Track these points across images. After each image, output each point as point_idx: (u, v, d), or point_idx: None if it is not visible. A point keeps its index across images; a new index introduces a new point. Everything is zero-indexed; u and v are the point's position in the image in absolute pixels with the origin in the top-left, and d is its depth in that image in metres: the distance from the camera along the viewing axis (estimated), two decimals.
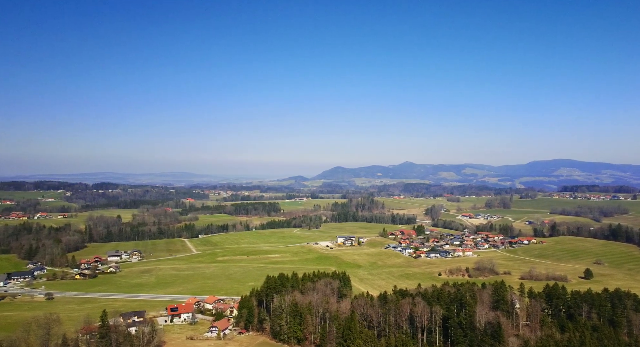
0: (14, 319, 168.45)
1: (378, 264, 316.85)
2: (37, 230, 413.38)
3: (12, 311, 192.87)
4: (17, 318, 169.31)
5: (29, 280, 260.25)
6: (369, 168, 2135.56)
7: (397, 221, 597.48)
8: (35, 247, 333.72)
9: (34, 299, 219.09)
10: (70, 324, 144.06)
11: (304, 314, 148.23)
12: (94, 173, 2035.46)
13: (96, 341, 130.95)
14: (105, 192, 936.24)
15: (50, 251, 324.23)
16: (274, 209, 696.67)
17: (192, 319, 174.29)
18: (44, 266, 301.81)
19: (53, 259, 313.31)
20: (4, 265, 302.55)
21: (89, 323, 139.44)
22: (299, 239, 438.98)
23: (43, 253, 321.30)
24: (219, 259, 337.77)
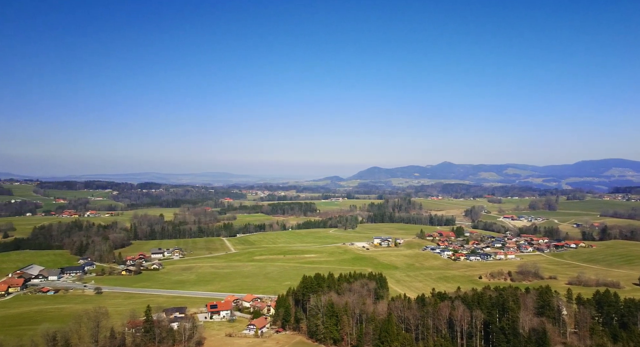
0: (67, 312, 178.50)
1: (415, 266, 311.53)
2: (87, 227, 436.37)
3: (65, 303, 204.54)
4: (69, 311, 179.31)
5: (80, 275, 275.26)
6: (406, 168, 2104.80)
7: (435, 222, 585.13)
8: (85, 244, 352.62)
9: (85, 293, 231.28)
10: (117, 317, 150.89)
11: (340, 314, 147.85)
12: (139, 173, 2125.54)
13: (141, 335, 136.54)
14: (149, 192, 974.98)
15: (99, 247, 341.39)
16: (310, 209, 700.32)
17: (231, 317, 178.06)
18: (93, 261, 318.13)
19: (101, 255, 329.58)
20: (58, 260, 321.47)
21: (134, 318, 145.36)
22: (334, 240, 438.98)
23: (92, 249, 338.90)
24: (256, 258, 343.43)
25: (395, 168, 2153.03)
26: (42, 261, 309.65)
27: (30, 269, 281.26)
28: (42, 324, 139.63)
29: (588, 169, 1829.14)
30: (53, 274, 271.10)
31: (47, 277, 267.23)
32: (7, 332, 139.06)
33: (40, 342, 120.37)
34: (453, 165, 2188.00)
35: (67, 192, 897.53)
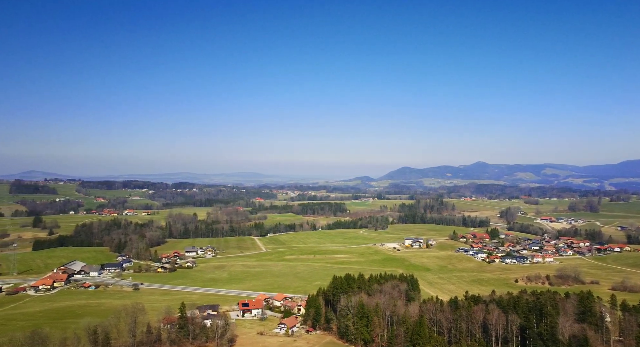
0: (107, 307, 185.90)
1: (448, 268, 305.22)
2: (125, 226, 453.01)
3: (105, 298, 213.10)
4: (109, 306, 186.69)
5: (118, 271, 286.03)
6: (438, 168, 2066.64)
7: (468, 223, 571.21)
8: (123, 242, 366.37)
9: (123, 289, 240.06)
10: (153, 313, 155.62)
11: (371, 315, 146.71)
12: (173, 173, 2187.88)
13: (176, 331, 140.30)
14: (183, 191, 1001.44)
15: (136, 245, 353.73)
16: (340, 209, 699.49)
17: (262, 315, 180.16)
18: (131, 258, 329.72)
19: (138, 253, 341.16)
20: (99, 257, 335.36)
21: (169, 314, 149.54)
22: (365, 240, 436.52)
23: (130, 247, 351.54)
24: (286, 257, 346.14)
25: (426, 168, 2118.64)
26: (84, 257, 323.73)
27: (73, 264, 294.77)
28: (84, 318, 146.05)
29: (634, 168, 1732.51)
30: (94, 270, 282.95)
31: (88, 273, 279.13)
32: (53, 325, 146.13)
33: (83, 336, 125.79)
34: (487, 165, 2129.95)
35: (106, 192, 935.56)
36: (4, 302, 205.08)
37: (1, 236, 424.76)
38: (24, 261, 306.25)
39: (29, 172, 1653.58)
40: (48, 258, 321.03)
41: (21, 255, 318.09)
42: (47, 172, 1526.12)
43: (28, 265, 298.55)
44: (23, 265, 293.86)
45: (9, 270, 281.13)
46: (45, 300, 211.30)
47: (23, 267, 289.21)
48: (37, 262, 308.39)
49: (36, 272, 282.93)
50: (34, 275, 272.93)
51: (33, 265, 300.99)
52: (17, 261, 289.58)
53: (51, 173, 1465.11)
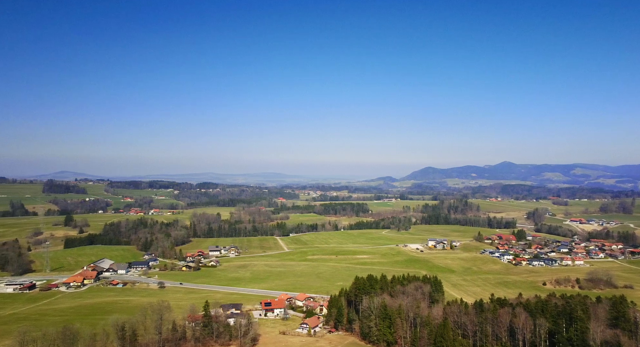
0: (134, 304, 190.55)
1: (473, 270, 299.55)
2: (151, 225, 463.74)
3: (132, 296, 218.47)
4: (136, 303, 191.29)
5: (145, 269, 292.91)
6: (462, 168, 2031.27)
7: (493, 224, 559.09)
8: (149, 241, 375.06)
9: (149, 286, 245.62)
10: (178, 311, 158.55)
11: (394, 317, 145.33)
12: (197, 173, 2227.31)
13: (200, 329, 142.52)
14: (207, 191, 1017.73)
15: (162, 244, 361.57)
16: (362, 210, 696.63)
17: (284, 315, 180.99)
18: (157, 257, 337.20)
19: (164, 252, 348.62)
20: (126, 255, 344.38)
21: (194, 312, 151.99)
22: (387, 241, 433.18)
23: (156, 246, 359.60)
24: (308, 257, 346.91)
25: (450, 168, 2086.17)
26: (112, 256, 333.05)
27: (102, 262, 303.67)
28: (112, 315, 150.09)
29: None
30: (122, 268, 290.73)
31: (116, 271, 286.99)
32: (83, 321, 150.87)
33: (111, 332, 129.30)
34: (514, 165, 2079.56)
35: (133, 191, 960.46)
36: (38, 298, 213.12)
37: (35, 234, 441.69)
38: (56, 258, 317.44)
39: (60, 172, 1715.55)
40: (78, 256, 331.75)
41: (53, 253, 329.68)
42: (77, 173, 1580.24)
43: (60, 262, 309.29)
44: (55, 262, 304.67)
45: (42, 267, 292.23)
46: (75, 296, 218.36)
47: (55, 265, 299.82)
48: (68, 260, 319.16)
49: (67, 269, 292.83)
50: (65, 272, 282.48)
51: (65, 262, 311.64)
52: (50, 259, 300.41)
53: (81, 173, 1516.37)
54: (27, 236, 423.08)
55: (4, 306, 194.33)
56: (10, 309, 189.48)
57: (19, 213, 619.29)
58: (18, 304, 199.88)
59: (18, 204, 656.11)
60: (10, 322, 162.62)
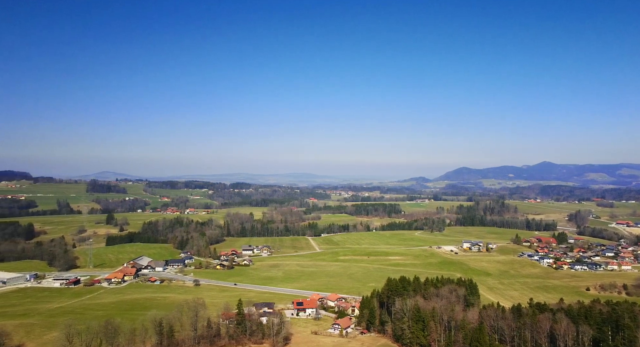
0: (171, 301, 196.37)
1: (510, 273, 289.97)
2: (187, 224, 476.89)
3: (169, 293, 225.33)
4: (173, 300, 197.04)
5: (181, 267, 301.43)
6: (499, 169, 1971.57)
7: (532, 226, 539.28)
8: (185, 239, 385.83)
9: (185, 284, 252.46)
10: (213, 309, 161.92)
11: (427, 320, 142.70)
12: (231, 173, 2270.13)
13: (234, 326, 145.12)
14: (240, 192, 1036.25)
15: (197, 242, 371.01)
16: (394, 211, 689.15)
17: (316, 315, 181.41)
18: (192, 255, 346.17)
19: (199, 250, 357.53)
20: (163, 253, 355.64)
21: (227, 310, 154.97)
22: (420, 242, 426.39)
23: (191, 244, 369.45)
24: (340, 258, 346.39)
25: (486, 168, 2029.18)
26: (150, 253, 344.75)
27: (141, 260, 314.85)
28: (150, 311, 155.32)
29: None
30: (159, 266, 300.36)
31: (154, 268, 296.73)
32: (123, 316, 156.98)
33: (150, 327, 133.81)
34: (554, 165, 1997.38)
35: (170, 191, 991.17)
36: (82, 293, 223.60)
37: (80, 231, 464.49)
38: (99, 255, 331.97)
39: (103, 172, 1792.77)
40: (119, 253, 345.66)
41: (96, 250, 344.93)
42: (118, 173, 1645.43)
43: (102, 259, 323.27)
44: (98, 259, 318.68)
45: (86, 263, 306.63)
46: (116, 292, 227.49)
47: (98, 261, 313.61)
48: (109, 257, 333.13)
49: (109, 266, 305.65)
50: (107, 268, 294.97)
51: (106, 259, 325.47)
52: (93, 255, 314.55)
53: (121, 174, 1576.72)
54: (72, 234, 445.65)
55: (51, 300, 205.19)
56: (57, 302, 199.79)
57: (65, 211, 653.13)
58: (64, 298, 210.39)
59: (64, 203, 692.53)
60: (57, 315, 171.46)
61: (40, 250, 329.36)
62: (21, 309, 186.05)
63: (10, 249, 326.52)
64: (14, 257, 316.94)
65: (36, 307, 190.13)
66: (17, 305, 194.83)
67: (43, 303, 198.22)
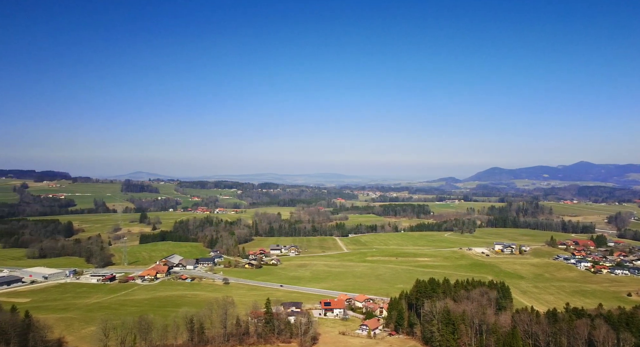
0: (201, 298, 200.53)
1: (545, 277, 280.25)
2: (216, 223, 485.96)
3: (199, 290, 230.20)
4: (203, 297, 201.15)
5: (211, 266, 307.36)
6: (533, 169, 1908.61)
7: (568, 229, 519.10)
8: (215, 238, 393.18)
9: (215, 282, 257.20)
10: (241, 307, 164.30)
11: (458, 323, 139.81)
12: (259, 174, 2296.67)
13: (262, 325, 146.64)
14: (268, 191, 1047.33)
15: (226, 241, 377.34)
16: (423, 211, 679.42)
17: (344, 315, 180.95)
18: (222, 254, 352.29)
19: (228, 249, 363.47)
20: (194, 251, 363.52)
21: (256, 308, 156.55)
22: (450, 244, 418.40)
23: (221, 243, 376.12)
24: (368, 258, 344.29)
25: (519, 169, 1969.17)
26: (181, 252, 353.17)
27: (172, 258, 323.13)
28: (182, 308, 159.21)
29: None
30: (190, 264, 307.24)
31: (185, 266, 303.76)
32: (156, 312, 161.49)
33: (181, 324, 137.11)
34: (592, 165, 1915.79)
35: (200, 191, 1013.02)
36: (117, 289, 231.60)
37: (115, 229, 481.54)
38: (133, 252, 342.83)
39: (136, 172, 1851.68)
40: (152, 251, 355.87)
41: (130, 247, 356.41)
42: (151, 173, 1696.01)
43: (136, 257, 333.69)
44: (132, 256, 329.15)
45: (120, 260, 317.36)
46: (149, 289, 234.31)
47: (132, 259, 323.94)
48: (143, 255, 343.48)
49: (142, 263, 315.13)
50: (140, 266, 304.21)
51: (140, 257, 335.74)
52: (127, 253, 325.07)
53: (154, 174, 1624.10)
54: (108, 232, 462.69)
55: (89, 295, 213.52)
56: (94, 298, 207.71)
57: (101, 210, 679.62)
58: (101, 294, 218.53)
59: (100, 202, 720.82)
60: (94, 310, 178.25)
61: (78, 247, 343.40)
62: (61, 303, 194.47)
63: (52, 246, 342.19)
64: (54, 253, 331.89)
65: (75, 302, 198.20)
66: (58, 299, 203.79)
67: (81, 298, 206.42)
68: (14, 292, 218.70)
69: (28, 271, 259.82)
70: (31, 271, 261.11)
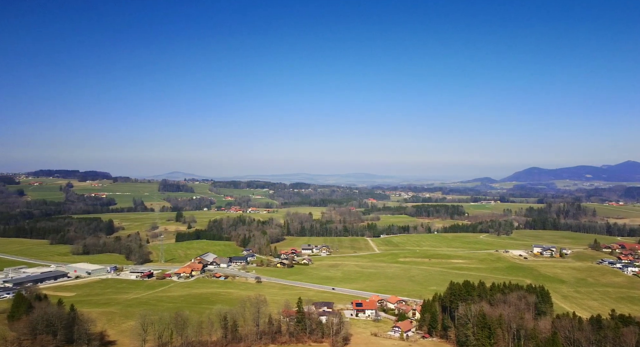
0: (234, 296, 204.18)
1: (588, 281, 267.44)
2: (249, 222, 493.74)
3: (233, 288, 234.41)
4: (236, 295, 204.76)
5: (243, 264, 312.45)
6: (575, 169, 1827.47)
7: (613, 231, 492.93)
8: (247, 237, 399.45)
9: (247, 280, 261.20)
10: (273, 306, 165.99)
11: (494, 327, 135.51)
12: (291, 174, 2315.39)
13: (294, 324, 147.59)
14: (300, 191, 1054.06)
15: (259, 241, 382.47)
16: (457, 212, 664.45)
17: (376, 316, 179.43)
18: (254, 253, 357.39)
19: (260, 248, 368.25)
20: (227, 250, 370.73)
21: (288, 307, 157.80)
22: (485, 245, 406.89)
23: (253, 242, 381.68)
24: (400, 260, 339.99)
25: (559, 168, 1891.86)
26: (215, 250, 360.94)
27: (207, 256, 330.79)
28: (216, 305, 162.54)
29: None
30: (223, 262, 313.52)
31: (219, 264, 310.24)
32: (191, 309, 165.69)
33: (215, 321, 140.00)
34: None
35: (233, 191, 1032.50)
36: (155, 286, 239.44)
37: (152, 228, 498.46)
38: (169, 250, 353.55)
39: (173, 172, 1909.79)
40: (187, 249, 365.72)
41: (167, 245, 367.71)
42: (186, 173, 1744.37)
43: (172, 254, 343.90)
44: (168, 254, 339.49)
45: (158, 258, 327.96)
46: (185, 286, 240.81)
47: (169, 256, 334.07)
48: (179, 252, 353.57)
49: (178, 261, 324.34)
50: (176, 263, 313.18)
51: (176, 254, 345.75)
52: (164, 251, 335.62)
53: (189, 174, 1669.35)
54: (146, 230, 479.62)
55: (128, 291, 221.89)
56: (133, 293, 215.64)
57: (140, 209, 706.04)
58: (139, 290, 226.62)
59: (139, 201, 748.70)
60: (133, 305, 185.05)
61: (119, 244, 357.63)
62: (103, 298, 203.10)
63: (94, 243, 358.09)
64: (96, 250, 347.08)
65: (116, 297, 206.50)
66: (100, 294, 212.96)
67: (121, 294, 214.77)
68: (60, 286, 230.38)
69: (73, 267, 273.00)
70: (76, 266, 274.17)
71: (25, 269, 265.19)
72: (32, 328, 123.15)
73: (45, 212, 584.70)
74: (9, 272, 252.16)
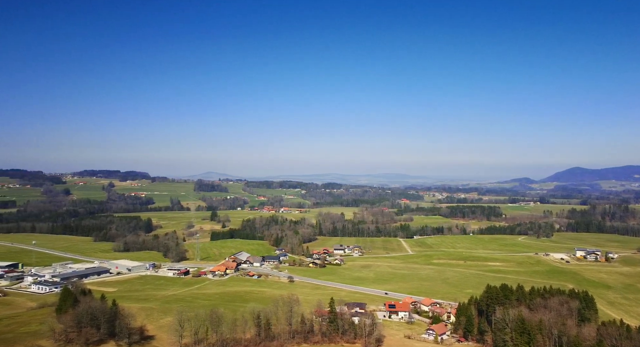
0: (267, 295, 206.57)
1: (636, 287, 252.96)
2: (281, 222, 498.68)
3: (266, 287, 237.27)
4: (269, 294, 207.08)
5: (276, 263, 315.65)
6: (622, 169, 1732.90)
7: None
8: (280, 237, 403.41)
9: (280, 280, 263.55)
10: (305, 305, 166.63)
11: (534, 332, 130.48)
12: (323, 174, 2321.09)
13: (326, 324, 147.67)
14: (331, 192, 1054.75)
15: (291, 240, 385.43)
16: (493, 213, 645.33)
17: (409, 318, 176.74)
18: (286, 252, 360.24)
19: (293, 248, 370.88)
20: (260, 249, 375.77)
21: (320, 307, 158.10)
22: (524, 248, 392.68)
23: (286, 242, 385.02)
24: (434, 261, 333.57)
25: (605, 168, 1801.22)
26: (248, 249, 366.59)
27: (240, 255, 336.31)
28: (249, 303, 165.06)
29: None
30: (257, 261, 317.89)
31: (252, 263, 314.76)
32: (226, 306, 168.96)
33: (249, 318, 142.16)
34: None
35: (266, 190, 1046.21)
36: (191, 283, 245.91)
37: (188, 227, 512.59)
38: (204, 249, 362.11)
39: (207, 173, 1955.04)
40: (222, 248, 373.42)
41: (202, 244, 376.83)
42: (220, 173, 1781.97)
43: (207, 253, 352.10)
44: (204, 252, 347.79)
45: (193, 256, 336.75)
46: (219, 284, 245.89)
47: (204, 254, 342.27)
48: (213, 251, 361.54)
49: (213, 259, 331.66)
50: (211, 261, 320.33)
51: (210, 253, 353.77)
52: (200, 249, 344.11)
53: (224, 174, 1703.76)
54: (182, 228, 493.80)
55: (166, 288, 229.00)
56: (171, 290, 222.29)
57: (177, 208, 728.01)
58: (176, 286, 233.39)
59: (176, 200, 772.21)
60: (171, 301, 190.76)
61: (157, 242, 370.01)
62: (143, 294, 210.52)
63: (134, 241, 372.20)
64: (136, 247, 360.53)
65: (154, 293, 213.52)
66: (140, 290, 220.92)
67: (160, 290, 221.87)
68: (102, 282, 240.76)
69: (114, 263, 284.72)
70: (117, 263, 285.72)
71: (71, 265, 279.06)
72: (77, 321, 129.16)
73: (89, 211, 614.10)
74: (56, 267, 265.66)
